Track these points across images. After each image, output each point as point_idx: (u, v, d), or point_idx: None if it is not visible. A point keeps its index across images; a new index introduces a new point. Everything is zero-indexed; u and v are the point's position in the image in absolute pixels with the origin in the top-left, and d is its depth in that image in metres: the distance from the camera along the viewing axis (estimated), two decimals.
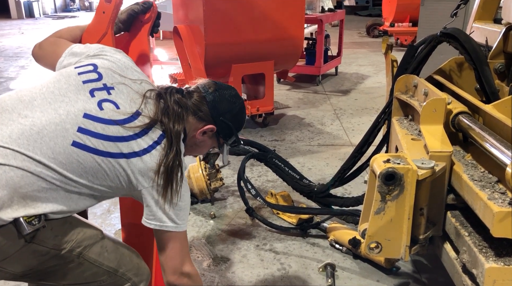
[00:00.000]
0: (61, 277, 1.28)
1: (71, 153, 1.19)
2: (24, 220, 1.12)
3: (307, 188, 2.51)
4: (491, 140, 1.39)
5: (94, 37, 1.62)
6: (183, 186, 1.32)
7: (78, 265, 1.28)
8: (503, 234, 1.23)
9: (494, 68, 2.02)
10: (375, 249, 1.52)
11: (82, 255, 1.28)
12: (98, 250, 1.32)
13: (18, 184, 1.12)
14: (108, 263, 1.34)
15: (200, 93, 1.45)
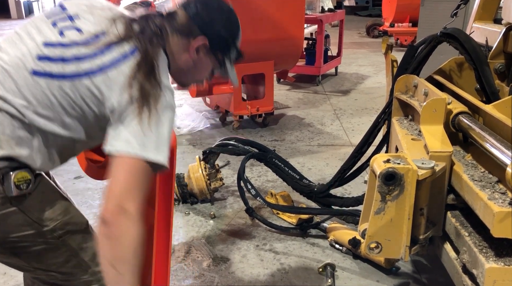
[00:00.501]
0: (33, 257, 1.21)
1: (33, 84, 1.12)
2: (13, 181, 1.09)
3: (307, 188, 2.51)
4: (491, 140, 1.39)
5: None
6: (161, 112, 1.12)
7: (54, 248, 1.22)
8: (504, 234, 1.23)
9: (494, 68, 2.02)
10: (375, 249, 1.51)
11: (62, 239, 1.22)
12: (79, 240, 1.26)
13: None
14: (84, 256, 1.26)
15: (180, 10, 1.33)
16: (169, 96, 1.17)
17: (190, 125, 4.34)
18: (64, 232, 1.22)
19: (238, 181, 2.46)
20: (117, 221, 1.07)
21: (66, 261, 1.24)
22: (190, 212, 2.79)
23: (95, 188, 3.17)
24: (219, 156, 2.81)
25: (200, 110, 4.84)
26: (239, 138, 2.63)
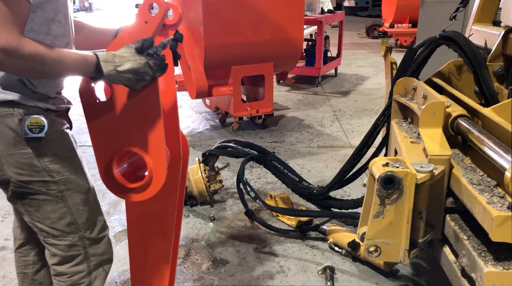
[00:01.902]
0: (34, 205, 1.33)
1: None
2: (27, 124, 1.22)
3: (307, 190, 2.51)
4: (490, 144, 1.39)
5: None
6: None
7: (54, 201, 1.33)
8: (502, 238, 1.23)
9: (493, 71, 2.02)
10: (374, 253, 1.52)
11: (62, 194, 1.33)
12: (78, 200, 1.36)
13: None
14: (78, 218, 1.36)
15: None
16: None
17: (189, 126, 4.34)
18: (66, 188, 1.33)
19: (238, 183, 2.46)
20: (6, 61, 1.07)
21: (60, 217, 1.34)
22: (189, 214, 2.79)
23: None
24: (219, 157, 2.81)
25: (199, 111, 4.84)
26: (239, 141, 2.63)
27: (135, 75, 1.29)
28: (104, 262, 1.47)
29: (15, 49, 1.07)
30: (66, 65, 1.18)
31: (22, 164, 1.27)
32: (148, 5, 1.37)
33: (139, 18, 1.40)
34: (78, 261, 1.41)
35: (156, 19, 1.39)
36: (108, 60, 1.26)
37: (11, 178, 1.28)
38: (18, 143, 1.25)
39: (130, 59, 1.28)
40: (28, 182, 1.30)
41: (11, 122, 1.23)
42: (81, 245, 1.39)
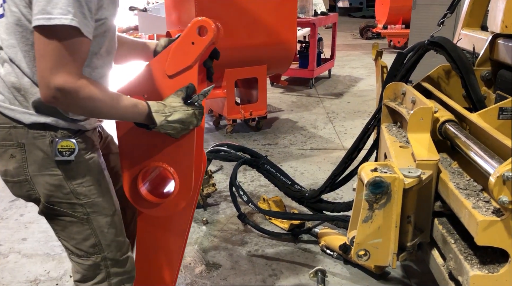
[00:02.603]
0: (62, 225, 1.37)
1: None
2: (57, 147, 1.26)
3: (299, 194, 2.53)
4: (475, 149, 1.42)
5: (173, 66, 1.39)
6: None
7: (80, 223, 1.35)
8: (487, 242, 1.25)
9: (481, 76, 2.05)
10: (363, 257, 1.54)
11: (88, 217, 1.35)
12: (103, 223, 1.38)
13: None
14: (102, 240, 1.38)
15: None
16: None
17: None
18: (92, 211, 1.35)
19: (230, 187, 2.47)
20: (58, 102, 1.14)
21: (85, 239, 1.37)
22: None
23: None
24: (212, 160, 2.82)
25: None
26: (231, 144, 2.65)
27: (181, 125, 1.34)
28: (125, 280, 1.48)
29: (72, 91, 1.12)
30: (117, 111, 1.24)
31: (51, 185, 1.30)
32: (198, 27, 1.38)
33: (186, 38, 1.39)
34: (100, 279, 1.42)
35: (204, 42, 1.38)
36: (159, 111, 1.31)
37: (41, 197, 1.32)
38: (48, 164, 1.28)
39: (179, 109, 1.34)
40: (56, 203, 1.32)
41: (42, 144, 1.26)
42: (104, 265, 1.41)
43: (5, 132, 1.26)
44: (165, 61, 1.38)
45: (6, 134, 1.26)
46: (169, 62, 1.38)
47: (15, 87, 1.23)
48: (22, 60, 1.20)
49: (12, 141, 1.26)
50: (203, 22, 1.38)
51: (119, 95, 1.26)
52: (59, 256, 2.46)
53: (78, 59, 1.14)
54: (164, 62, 1.38)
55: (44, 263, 2.40)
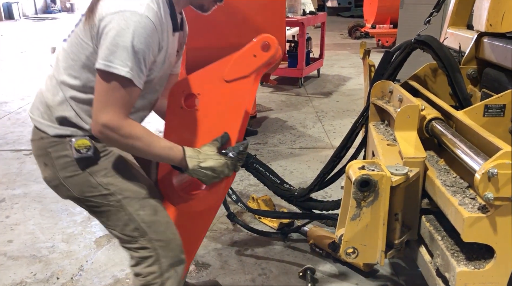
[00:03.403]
0: (104, 216, 1.48)
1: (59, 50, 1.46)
2: (74, 146, 1.39)
3: (288, 193, 2.52)
4: (462, 146, 1.43)
5: (232, 72, 1.50)
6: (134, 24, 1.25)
7: (116, 210, 1.45)
8: (473, 239, 1.26)
9: (467, 74, 2.07)
10: (351, 254, 1.54)
11: (120, 203, 1.44)
12: (136, 207, 1.45)
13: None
14: (141, 222, 1.46)
15: None
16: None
17: None
18: (122, 197, 1.44)
19: None
20: (107, 137, 1.32)
21: (125, 224, 1.46)
22: None
23: None
24: None
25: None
26: None
27: (213, 173, 1.44)
28: (176, 264, 1.52)
29: (115, 128, 1.30)
30: (154, 153, 1.38)
31: (81, 183, 1.43)
32: (262, 42, 1.48)
33: (249, 50, 1.50)
34: (151, 262, 1.49)
35: (265, 57, 1.49)
36: (193, 156, 1.42)
37: (79, 195, 1.45)
38: (73, 166, 1.42)
39: (212, 157, 1.44)
40: (91, 197, 1.44)
41: (63, 149, 1.41)
42: (151, 247, 1.47)
43: (37, 144, 1.46)
44: (225, 67, 1.50)
45: (38, 145, 1.45)
46: (229, 69, 1.51)
47: (47, 104, 1.43)
48: (63, 83, 1.40)
49: (42, 151, 1.44)
50: (268, 39, 1.49)
51: (157, 139, 1.39)
52: (45, 258, 2.43)
53: (126, 103, 1.31)
54: (224, 67, 1.50)
55: (30, 265, 2.37)
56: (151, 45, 1.30)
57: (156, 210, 1.50)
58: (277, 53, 1.52)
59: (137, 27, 1.26)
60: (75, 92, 1.41)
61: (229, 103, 1.54)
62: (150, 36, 1.29)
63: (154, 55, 1.36)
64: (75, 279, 2.26)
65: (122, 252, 2.44)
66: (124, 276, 2.27)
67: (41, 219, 2.85)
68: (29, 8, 17.92)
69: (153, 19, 1.29)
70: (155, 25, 1.30)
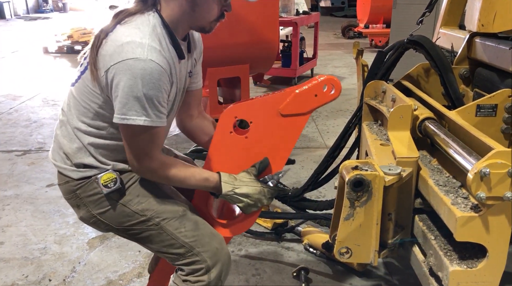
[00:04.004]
0: (147, 241, 1.50)
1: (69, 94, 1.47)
2: (101, 183, 1.41)
3: (281, 192, 2.52)
4: (454, 146, 1.43)
5: (289, 107, 1.51)
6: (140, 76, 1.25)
7: (158, 233, 1.47)
8: (466, 238, 1.27)
9: (460, 74, 2.08)
10: (345, 254, 1.54)
11: (160, 225, 1.46)
12: (176, 225, 1.47)
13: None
14: (184, 239, 1.47)
15: None
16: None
17: None
18: (161, 220, 1.46)
19: None
20: (148, 176, 1.43)
21: (170, 245, 1.47)
22: None
23: None
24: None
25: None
26: None
27: (248, 200, 1.47)
28: (224, 271, 1.53)
29: (152, 171, 1.40)
30: (189, 184, 1.45)
31: (117, 215, 1.46)
32: (326, 83, 1.49)
33: (312, 89, 1.50)
34: (201, 273, 1.50)
35: (326, 98, 1.52)
36: (228, 182, 1.46)
37: (118, 227, 1.48)
38: (104, 201, 1.45)
39: (248, 184, 1.47)
40: (131, 226, 1.47)
41: (90, 189, 1.44)
42: (201, 259, 1.48)
43: (64, 187, 1.47)
44: (283, 100, 1.49)
45: (66, 189, 1.47)
46: (288, 104, 1.50)
47: (64, 151, 1.45)
48: (79, 129, 1.42)
49: (71, 194, 1.46)
50: (333, 82, 1.50)
51: (193, 173, 1.44)
52: (37, 259, 2.41)
53: (155, 145, 1.36)
54: (282, 101, 1.49)
55: (22, 267, 2.35)
56: (162, 87, 1.30)
57: (197, 223, 1.51)
58: (338, 95, 1.55)
59: (144, 75, 1.25)
60: (92, 138, 1.43)
61: (280, 136, 1.54)
62: (158, 80, 1.28)
63: (167, 92, 1.35)
64: (68, 281, 2.24)
65: (115, 253, 2.44)
66: (117, 277, 2.26)
67: (33, 220, 2.82)
68: (21, 7, 17.77)
69: (158, 60, 1.27)
70: (162, 66, 1.28)
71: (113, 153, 1.46)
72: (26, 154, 3.94)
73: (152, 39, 1.29)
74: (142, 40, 1.27)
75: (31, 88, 6.29)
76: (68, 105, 1.46)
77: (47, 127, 4.66)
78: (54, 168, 1.51)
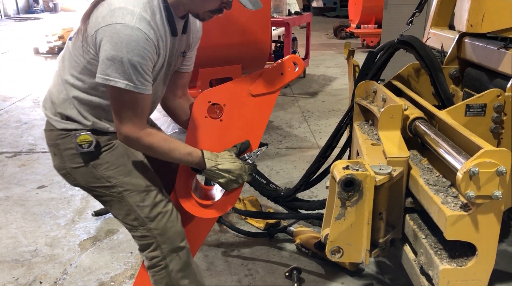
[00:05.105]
0: (107, 205, 1.58)
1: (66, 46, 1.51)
2: (77, 142, 1.47)
3: (274, 193, 2.52)
4: (444, 145, 1.44)
5: (259, 88, 1.62)
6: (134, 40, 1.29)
7: (118, 201, 1.55)
8: (456, 237, 1.28)
9: (449, 74, 2.10)
10: (337, 254, 1.55)
11: (121, 195, 1.53)
12: (136, 199, 1.54)
13: None
14: (140, 213, 1.55)
15: None
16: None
17: None
18: (123, 190, 1.53)
19: None
20: (131, 144, 1.45)
21: (126, 214, 1.56)
22: None
23: (59, 197, 3.10)
24: None
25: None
26: None
27: (230, 176, 1.54)
28: (177, 249, 1.61)
29: (135, 139, 1.42)
30: (172, 157, 1.48)
31: (86, 174, 1.53)
32: (292, 62, 1.60)
33: (277, 68, 1.62)
34: (152, 248, 1.59)
35: (291, 76, 1.62)
36: (211, 158, 1.52)
37: (84, 185, 1.55)
38: (77, 158, 1.51)
39: (229, 160, 1.54)
40: (95, 187, 1.55)
41: (69, 143, 1.50)
42: (151, 236, 1.56)
43: (48, 134, 1.54)
44: (252, 82, 1.60)
45: (49, 136, 1.54)
46: (257, 84, 1.61)
47: (51, 100, 1.51)
48: (67, 82, 1.47)
49: (52, 141, 1.53)
50: (296, 60, 1.61)
51: (177, 146, 1.48)
52: (28, 262, 2.39)
53: (140, 112, 1.40)
54: (252, 82, 1.60)
55: (12, 270, 2.33)
56: (146, 55, 1.33)
57: (155, 202, 1.57)
58: (302, 71, 1.65)
59: (129, 41, 1.29)
60: (77, 92, 1.47)
61: (253, 116, 1.64)
62: (144, 48, 1.32)
63: (153, 62, 1.39)
64: (59, 283, 2.22)
65: (107, 255, 2.42)
66: (109, 279, 2.25)
67: (24, 222, 2.80)
68: (11, 7, 17.62)
69: (145, 29, 1.32)
70: (148, 35, 1.32)
71: (95, 110, 1.49)
72: (16, 156, 3.90)
73: (144, 9, 1.33)
74: (134, 8, 1.31)
75: (21, 89, 6.23)
76: (62, 57, 1.51)
77: (38, 128, 4.62)
78: (45, 170, 1.52)
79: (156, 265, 1.61)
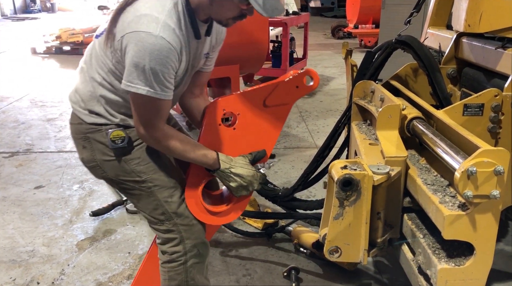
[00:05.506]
0: (135, 198, 1.63)
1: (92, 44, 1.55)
2: (110, 137, 1.52)
3: (272, 193, 2.51)
4: (442, 145, 1.45)
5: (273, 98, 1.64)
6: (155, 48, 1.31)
7: (147, 195, 1.59)
8: (453, 236, 1.28)
9: (447, 73, 2.10)
10: (335, 254, 1.55)
11: (151, 190, 1.58)
12: (165, 195, 1.59)
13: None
14: (168, 208, 1.59)
15: None
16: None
17: None
18: (153, 185, 1.58)
19: None
20: (151, 144, 1.52)
21: (154, 208, 1.60)
22: None
23: (56, 198, 3.09)
24: None
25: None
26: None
27: (242, 181, 1.57)
28: (198, 245, 1.65)
29: (154, 140, 1.49)
30: (188, 157, 1.53)
31: (116, 168, 1.57)
32: (306, 75, 1.61)
33: (293, 81, 1.62)
34: (176, 243, 1.62)
35: (306, 89, 1.63)
36: (226, 161, 1.56)
37: (113, 178, 1.59)
38: (109, 152, 1.55)
39: (243, 166, 1.58)
40: (125, 181, 1.59)
41: (100, 137, 1.54)
42: (176, 230, 1.61)
43: (76, 127, 1.58)
44: (267, 92, 1.62)
45: (77, 129, 1.57)
46: (272, 95, 1.63)
47: (80, 95, 1.55)
48: (94, 80, 1.51)
49: (81, 135, 1.57)
50: (312, 74, 1.62)
51: (193, 147, 1.53)
52: (25, 262, 2.39)
53: (159, 116, 1.44)
54: (266, 93, 1.62)
55: (9, 270, 2.32)
56: (169, 63, 1.36)
57: (183, 198, 1.63)
58: (316, 86, 1.67)
59: (152, 50, 1.32)
60: (105, 91, 1.51)
61: (266, 126, 1.66)
62: (166, 57, 1.34)
63: (175, 69, 1.42)
64: (56, 284, 2.22)
65: (105, 255, 2.42)
66: (107, 279, 2.24)
67: (21, 223, 2.79)
68: (8, 7, 17.56)
69: (169, 38, 1.34)
70: (172, 44, 1.35)
71: (122, 109, 1.54)
72: (13, 156, 3.89)
73: (169, 16, 1.35)
74: (159, 15, 1.33)
75: (19, 89, 6.21)
76: (90, 55, 1.54)
77: (35, 128, 4.61)
78: (42, 170, 1.51)
79: (175, 260, 1.64)
